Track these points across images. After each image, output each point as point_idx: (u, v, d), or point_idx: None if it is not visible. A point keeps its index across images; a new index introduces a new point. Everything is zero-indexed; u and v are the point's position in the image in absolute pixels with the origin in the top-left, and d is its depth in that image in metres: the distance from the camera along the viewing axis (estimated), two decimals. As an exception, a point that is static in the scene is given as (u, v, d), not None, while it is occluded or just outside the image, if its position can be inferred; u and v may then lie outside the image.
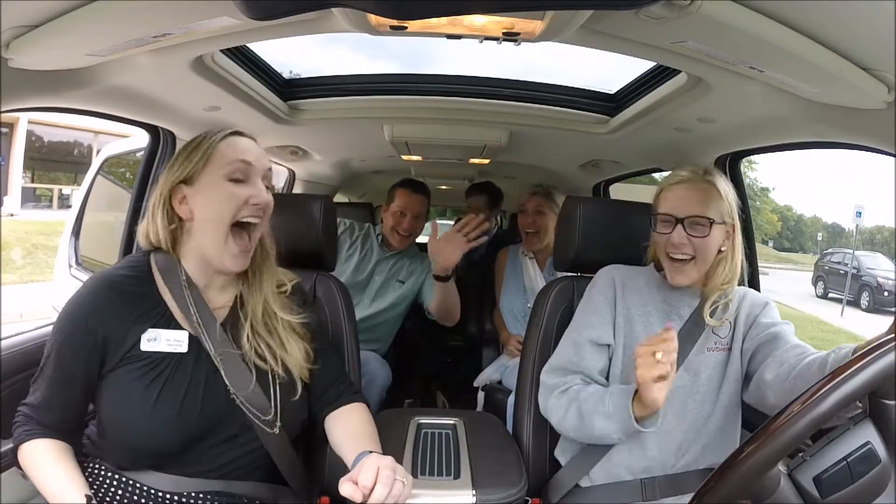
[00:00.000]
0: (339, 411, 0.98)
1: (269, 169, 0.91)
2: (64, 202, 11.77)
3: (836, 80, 0.81)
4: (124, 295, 0.84)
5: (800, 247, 22.30)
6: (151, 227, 0.88)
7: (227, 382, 0.85)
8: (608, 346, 1.03)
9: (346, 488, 0.75)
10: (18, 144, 10.76)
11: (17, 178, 10.96)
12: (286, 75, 1.45)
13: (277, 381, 0.90)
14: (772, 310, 1.04)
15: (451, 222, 3.20)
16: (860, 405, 0.61)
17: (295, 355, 0.92)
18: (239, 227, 0.87)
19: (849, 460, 0.59)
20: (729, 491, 0.56)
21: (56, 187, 12.23)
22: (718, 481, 0.57)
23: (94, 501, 0.79)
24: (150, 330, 0.83)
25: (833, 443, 0.60)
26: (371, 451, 0.84)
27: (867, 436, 0.60)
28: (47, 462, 0.81)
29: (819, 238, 21.00)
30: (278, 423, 0.88)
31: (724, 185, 1.01)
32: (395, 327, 1.92)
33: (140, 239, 0.91)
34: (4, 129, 10.34)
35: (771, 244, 21.42)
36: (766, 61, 0.84)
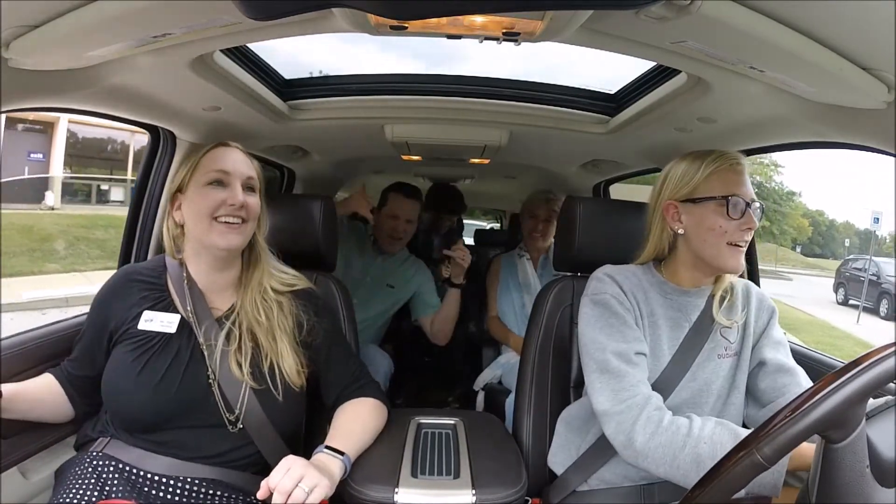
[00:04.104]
0: (341, 407, 1.02)
1: (251, 177, 0.98)
2: (101, 197, 12.11)
3: (836, 80, 0.81)
4: (136, 282, 0.98)
5: (831, 253, 21.89)
6: (165, 235, 1.00)
7: (210, 370, 0.91)
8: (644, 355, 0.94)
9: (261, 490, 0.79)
10: (59, 141, 10.94)
11: (57, 173, 11.21)
12: (288, 76, 1.45)
13: (253, 383, 0.93)
14: (777, 319, 1.01)
15: None
16: None
17: (288, 362, 0.95)
18: (220, 223, 0.94)
19: None
20: (713, 499, 0.54)
21: (94, 183, 12.50)
22: (703, 490, 0.54)
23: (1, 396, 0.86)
24: (147, 311, 0.95)
25: None
26: (326, 448, 0.89)
27: None
28: (33, 381, 0.96)
29: (847, 243, 20.56)
30: (240, 425, 0.92)
31: None
32: (381, 331, 1.92)
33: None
34: (40, 127, 10.51)
35: (799, 249, 21.09)
36: (766, 61, 0.84)
